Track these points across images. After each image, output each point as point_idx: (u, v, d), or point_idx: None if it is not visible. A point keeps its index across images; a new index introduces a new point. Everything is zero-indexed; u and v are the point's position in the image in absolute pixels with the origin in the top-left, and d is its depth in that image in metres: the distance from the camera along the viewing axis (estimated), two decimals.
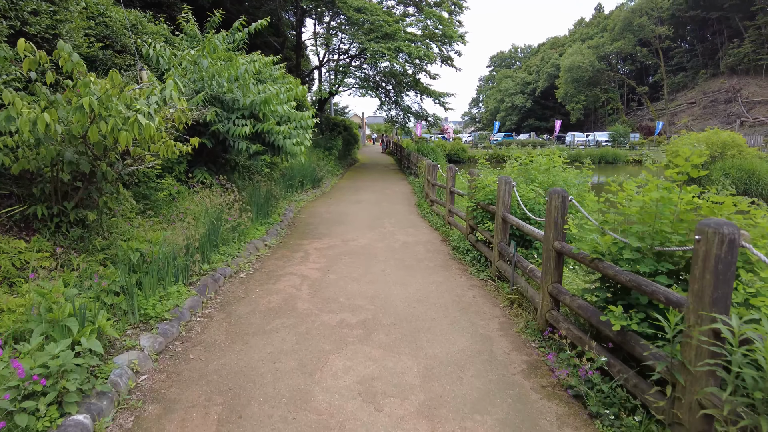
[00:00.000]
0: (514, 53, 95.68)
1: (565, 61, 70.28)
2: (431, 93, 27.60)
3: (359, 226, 10.34)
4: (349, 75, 26.78)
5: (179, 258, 5.53)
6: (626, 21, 67.49)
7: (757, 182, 20.53)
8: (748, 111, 63.33)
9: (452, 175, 10.04)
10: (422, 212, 12.20)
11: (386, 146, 44.74)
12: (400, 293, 5.84)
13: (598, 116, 78.29)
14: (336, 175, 22.42)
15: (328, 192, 16.71)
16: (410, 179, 20.98)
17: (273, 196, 10.51)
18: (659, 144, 51.74)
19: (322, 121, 28.81)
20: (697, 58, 74.70)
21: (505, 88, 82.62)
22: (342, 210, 12.55)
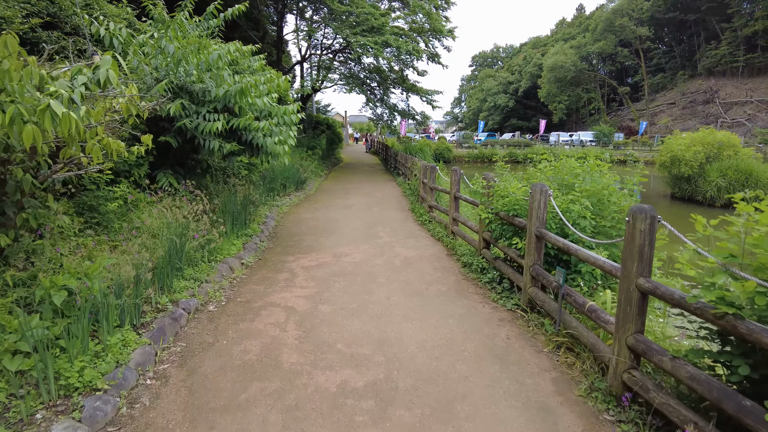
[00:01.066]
0: (496, 53, 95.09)
1: (547, 61, 69.77)
2: (419, 90, 26.35)
3: (351, 236, 9.02)
4: (333, 71, 25.39)
5: (126, 292, 4.16)
6: (608, 21, 67.27)
7: (755, 184, 19.80)
8: (725, 112, 63.65)
9: (457, 179, 8.78)
10: (419, 219, 10.93)
11: (370, 145, 43.42)
12: (415, 334, 4.54)
13: (579, 116, 78.06)
14: (320, 176, 21.03)
15: (312, 195, 15.33)
16: (399, 180, 19.70)
17: (251, 202, 9.12)
18: (643, 144, 51.43)
19: (305, 120, 27.44)
20: (675, 60, 75.05)
21: (488, 87, 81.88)
22: (330, 216, 11.21)
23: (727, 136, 21.64)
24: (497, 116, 79.97)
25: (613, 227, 5.05)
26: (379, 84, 27.85)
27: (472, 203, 7.52)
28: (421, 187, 12.10)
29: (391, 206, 13.13)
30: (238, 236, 7.79)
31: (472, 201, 7.55)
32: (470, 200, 7.65)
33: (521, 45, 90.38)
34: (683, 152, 21.28)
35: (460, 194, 8.51)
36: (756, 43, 64.58)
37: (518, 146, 46.80)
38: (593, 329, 4.15)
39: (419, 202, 12.48)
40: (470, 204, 8.14)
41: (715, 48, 67.73)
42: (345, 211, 11.99)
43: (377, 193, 16.23)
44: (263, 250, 7.83)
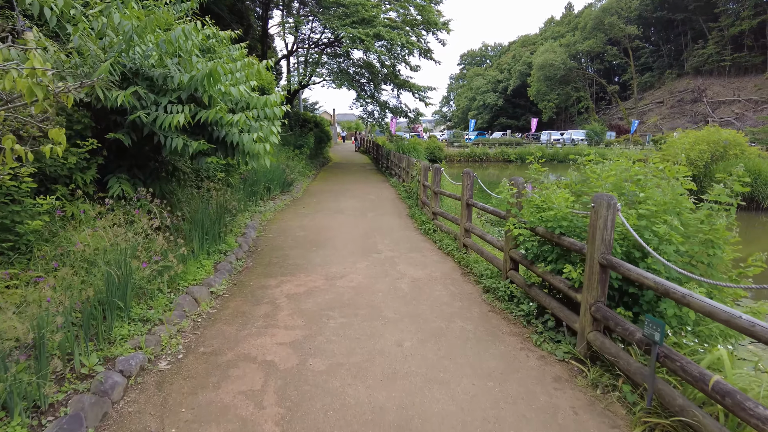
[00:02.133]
0: (485, 51, 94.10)
1: (537, 59, 68.91)
2: (411, 87, 25.00)
3: (345, 249, 7.66)
4: (321, 65, 23.95)
5: (16, 369, 2.76)
6: (597, 20, 66.60)
7: (765, 184, 18.83)
8: (713, 111, 63.34)
9: (470, 183, 7.46)
10: (421, 227, 9.60)
11: (360, 144, 42.01)
12: (447, 411, 3.18)
13: (568, 115, 77.41)
14: (308, 176, 19.61)
15: (300, 198, 13.92)
16: (392, 181, 18.36)
17: (228, 211, 7.70)
18: (635, 143, 50.67)
19: (292, 117, 25.98)
20: (662, 59, 74.71)
21: (477, 86, 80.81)
22: (319, 224, 9.84)
23: (733, 134, 20.66)
24: (486, 115, 78.99)
25: (710, 255, 3.74)
26: (369, 80, 26.46)
27: (495, 213, 6.20)
28: (422, 191, 10.77)
29: (387, 211, 11.79)
30: (210, 254, 6.38)
31: (494, 211, 6.22)
32: (492, 210, 6.32)
33: (510, 43, 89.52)
34: (688, 151, 20.24)
35: (475, 202, 7.19)
36: (742, 43, 64.37)
37: (509, 145, 45.72)
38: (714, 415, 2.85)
39: (419, 207, 11.16)
40: (489, 214, 6.83)
41: (702, 47, 67.45)
42: (337, 218, 10.62)
43: (370, 195, 14.87)
44: (240, 270, 6.43)
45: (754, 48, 63.54)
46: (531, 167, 5.52)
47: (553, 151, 43.03)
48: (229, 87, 5.86)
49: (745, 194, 14.02)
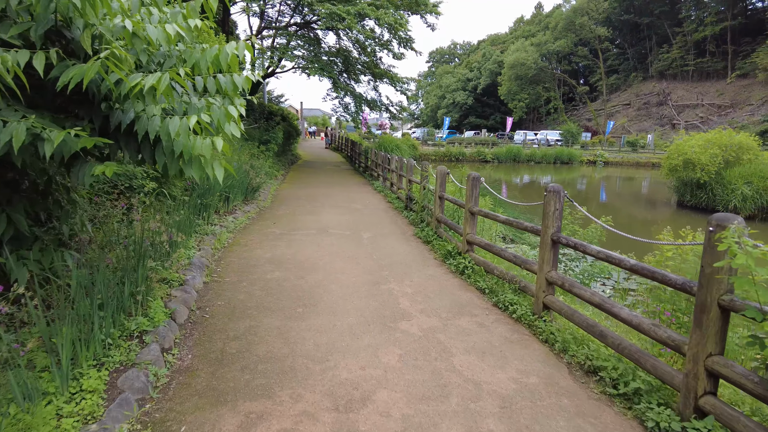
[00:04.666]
0: (454, 49, 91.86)
1: (508, 58, 67.11)
2: (393, 78, 22.04)
3: (351, 314, 4.59)
4: (290, 50, 20.63)
5: None
6: (569, 20, 65.38)
7: None
8: (678, 114, 63.23)
9: (558, 208, 4.53)
10: (447, 260, 6.67)
11: (331, 141, 38.71)
12: None
13: (538, 115, 76.25)
14: (276, 177, 16.37)
15: (268, 208, 10.74)
16: (376, 185, 15.36)
17: (147, 256, 4.49)
18: (610, 144, 49.38)
19: (257, 109, 22.63)
20: (628, 62, 74.55)
21: (446, 84, 78.44)
22: (300, 254, 6.76)
23: (745, 137, 18.69)
24: (456, 113, 76.75)
25: None
26: (344, 71, 23.31)
27: (642, 272, 3.31)
28: (437, 205, 7.83)
29: (386, 229, 8.79)
30: (99, 364, 3.20)
31: (644, 268, 3.33)
32: (644, 267, 3.42)
33: (479, 42, 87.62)
34: (698, 155, 18.09)
35: (597, 249, 4.26)
36: (705, 48, 64.55)
37: (486, 144, 43.40)
38: None
39: (430, 226, 8.22)
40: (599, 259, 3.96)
41: (667, 51, 67.41)
42: (322, 242, 7.55)
43: (356, 204, 11.83)
44: (162, 387, 3.30)
45: (716, 54, 63.80)
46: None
47: (531, 152, 41.01)
48: (141, 23, 2.80)
49: (764, 204, 11.76)
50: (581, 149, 44.75)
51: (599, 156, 41.50)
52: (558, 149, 42.21)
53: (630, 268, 3.47)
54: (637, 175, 36.33)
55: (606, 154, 42.35)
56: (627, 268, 3.51)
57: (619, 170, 39.17)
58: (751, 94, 56.45)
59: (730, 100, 58.31)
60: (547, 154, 40.46)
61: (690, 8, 67.03)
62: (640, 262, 3.43)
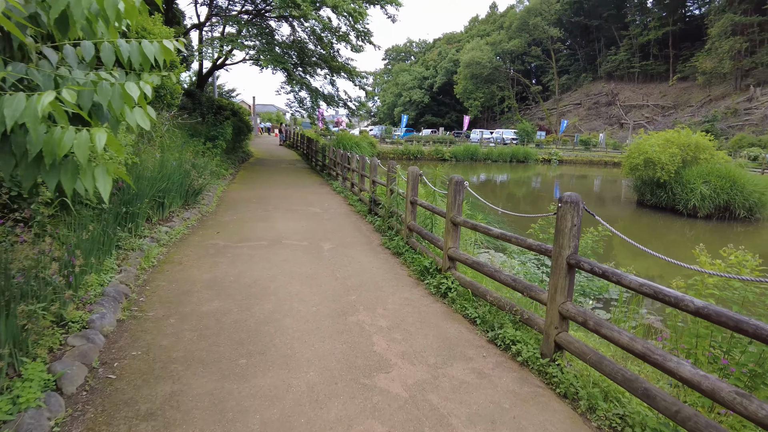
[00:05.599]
0: (410, 47, 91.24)
1: (464, 57, 67.02)
2: (352, 72, 20.85)
3: (314, 366, 3.41)
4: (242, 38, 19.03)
5: None
6: (522, 20, 65.97)
7: (740, 192, 16.91)
8: (626, 114, 65.10)
9: (576, 223, 3.55)
10: (411, 269, 5.64)
11: (285, 137, 37.04)
12: None
13: (492, 114, 76.83)
14: (224, 177, 14.90)
15: (212, 214, 9.39)
16: (335, 186, 14.20)
17: (48, 282, 3.22)
18: (564, 143, 50.01)
19: (204, 103, 20.92)
20: (579, 62, 76.27)
21: (403, 82, 77.68)
22: (245, 274, 5.54)
23: (701, 137, 18.71)
24: (412, 111, 76.12)
25: None
26: (299, 63, 21.91)
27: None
28: (409, 211, 6.78)
29: (349, 237, 7.67)
30: None
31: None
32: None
33: (435, 40, 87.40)
34: (659, 154, 17.93)
35: (609, 267, 3.31)
36: (649, 52, 66.79)
37: (443, 143, 42.86)
38: None
39: (401, 234, 7.17)
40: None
41: (615, 54, 69.31)
42: (276, 257, 6.35)
43: (314, 207, 10.64)
44: None
45: (659, 57, 66.15)
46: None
47: (488, 151, 40.79)
48: None
49: (721, 204, 11.48)
50: (536, 148, 45.02)
51: (554, 154, 41.81)
52: (514, 148, 42.22)
53: (695, 312, 2.54)
54: (592, 173, 36.75)
55: (560, 153, 42.74)
56: (692, 312, 2.57)
57: (573, 168, 39.55)
58: (691, 96, 58.73)
59: (673, 102, 60.50)
60: (503, 152, 40.35)
61: (635, 13, 69.21)
62: (710, 304, 2.50)
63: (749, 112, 46.88)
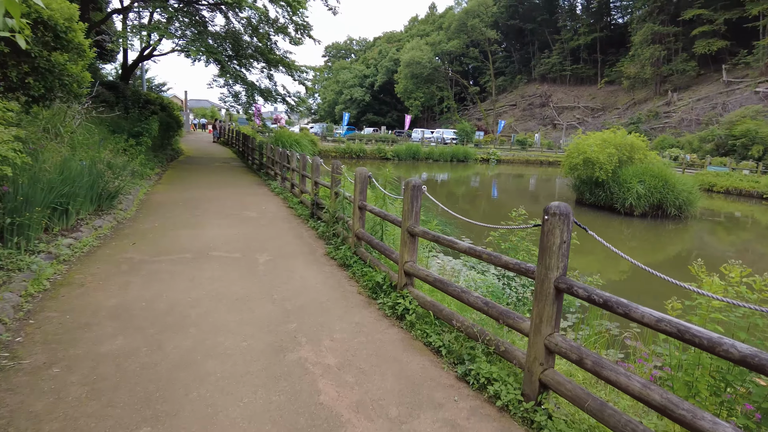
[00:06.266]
0: (350, 45, 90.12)
1: (404, 56, 66.95)
2: (290, 66, 19.77)
3: (236, 430, 2.72)
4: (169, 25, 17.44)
5: None
6: (461, 21, 66.79)
7: (672, 191, 17.49)
8: (559, 115, 67.59)
9: (566, 239, 2.95)
10: (361, 284, 4.91)
11: (220, 134, 35.13)
12: None
13: (432, 113, 77.40)
14: (149, 177, 13.48)
15: (129, 220, 8.18)
16: (274, 186, 13.19)
17: None
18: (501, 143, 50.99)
19: (129, 96, 19.19)
20: (514, 65, 78.42)
21: (344, 80, 76.56)
22: (161, 297, 4.57)
23: (636, 138, 19.24)
24: (354, 110, 75.26)
25: None
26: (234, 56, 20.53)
27: None
28: (357, 218, 6.03)
29: (289, 246, 6.81)
30: None
31: None
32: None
33: (375, 39, 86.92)
34: (597, 154, 18.24)
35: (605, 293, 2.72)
36: (580, 56, 69.72)
37: (386, 142, 42.40)
38: None
39: (348, 242, 6.41)
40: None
41: (548, 57, 71.75)
42: (199, 273, 5.39)
43: (250, 210, 9.64)
44: None
45: (588, 61, 69.21)
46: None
47: (429, 150, 40.75)
48: None
49: (655, 202, 11.72)
50: (475, 148, 45.57)
51: (492, 154, 42.45)
52: (454, 147, 42.46)
53: (740, 360, 1.97)
54: (528, 172, 37.61)
55: (499, 153, 43.47)
56: (736, 360, 2.00)
57: (511, 168, 40.31)
58: (617, 99, 61.84)
59: (602, 104, 63.44)
60: (444, 152, 40.44)
61: (566, 18, 72.01)
62: (761, 351, 1.94)
63: (668, 115, 49.82)
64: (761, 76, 44.89)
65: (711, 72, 51.74)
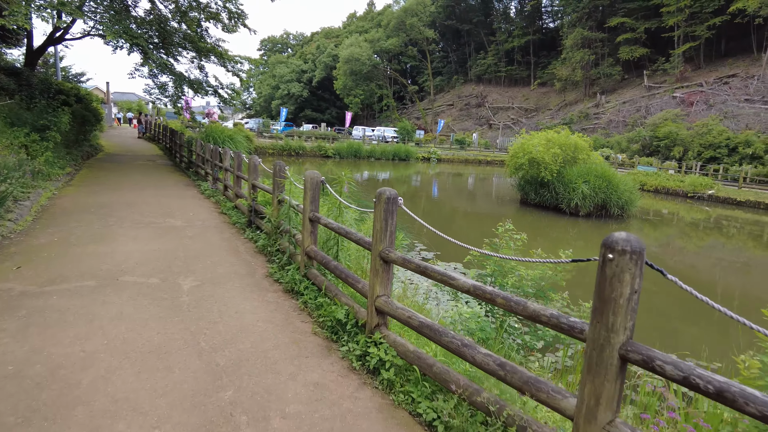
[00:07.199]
0: (287, 39, 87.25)
1: (343, 52, 65.56)
2: (222, 55, 18.08)
3: None
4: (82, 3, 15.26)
5: None
6: (400, 19, 66.35)
7: (615, 191, 17.58)
8: (494, 115, 68.89)
9: (637, 289, 2.04)
10: (316, 320, 3.84)
11: (145, 129, 32.31)
12: None
13: (372, 111, 76.58)
14: (56, 178, 11.55)
15: (20, 234, 6.56)
16: (204, 187, 11.69)
17: None
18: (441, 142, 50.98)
19: (36, 85, 16.81)
20: (451, 65, 79.17)
21: (280, 74, 73.88)
22: (42, 354, 3.23)
23: (579, 138, 19.26)
24: (291, 105, 72.91)
25: None
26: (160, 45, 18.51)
27: None
28: (308, 232, 4.90)
29: (222, 265, 5.55)
30: None
31: None
32: None
33: (313, 33, 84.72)
34: (542, 154, 18.04)
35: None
36: (514, 58, 71.47)
37: (326, 139, 41.01)
38: None
39: (296, 260, 5.27)
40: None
41: (483, 58, 73.01)
42: (101, 311, 4.06)
43: (175, 217, 8.20)
44: None
45: (522, 63, 71.08)
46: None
47: (371, 148, 39.84)
48: None
49: (599, 202, 11.56)
50: (416, 146, 45.21)
51: (433, 153, 42.22)
52: (396, 146, 41.82)
53: None
54: (467, 171, 37.65)
55: (439, 152, 43.32)
56: None
57: (451, 166, 40.23)
58: (550, 100, 63.87)
59: (535, 105, 65.28)
60: (386, 150, 39.67)
61: (501, 21, 73.54)
62: None
63: (597, 117, 51.89)
64: (677, 82, 47.73)
65: (634, 77, 54.54)
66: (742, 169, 29.56)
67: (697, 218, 21.06)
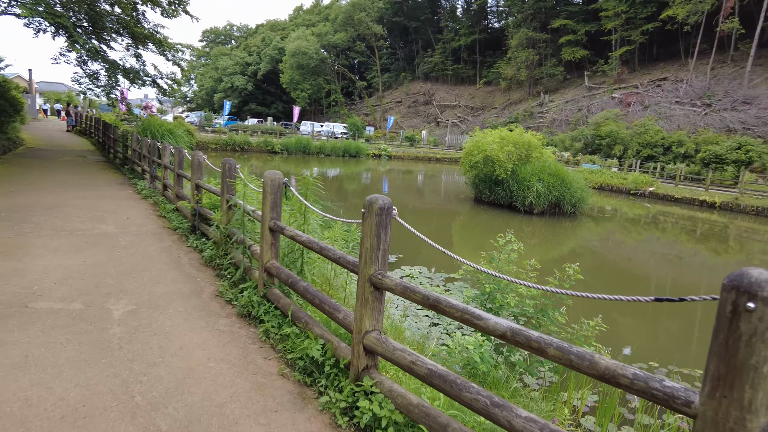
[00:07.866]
0: (230, 31, 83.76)
1: (290, 45, 63.63)
2: (161, 43, 16.60)
3: None
4: None
5: None
6: (347, 14, 65.26)
7: (568, 189, 17.66)
8: (441, 113, 69.35)
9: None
10: (281, 356, 3.08)
11: (75, 122, 29.67)
12: None
13: (320, 107, 75.07)
14: None
15: None
16: (141, 186, 10.47)
17: None
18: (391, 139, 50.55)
19: None
20: (399, 62, 78.99)
21: (223, 66, 70.81)
22: None
23: (532, 136, 19.23)
24: (235, 99, 70.06)
25: None
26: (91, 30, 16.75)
27: None
28: (269, 244, 4.09)
29: (161, 284, 4.62)
30: None
31: None
32: None
33: (258, 26, 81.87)
34: (497, 152, 17.84)
35: None
36: (460, 56, 72.16)
37: (273, 134, 39.50)
38: None
39: (253, 277, 4.44)
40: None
41: (431, 56, 73.28)
42: (2, 366, 3.14)
43: (107, 222, 7.08)
44: None
45: (468, 62, 71.91)
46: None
47: (320, 144, 38.77)
48: None
49: (552, 200, 11.45)
50: (366, 143, 44.53)
51: (383, 150, 41.72)
52: (346, 142, 40.94)
53: None
54: (417, 168, 37.41)
55: (389, 149, 42.87)
56: None
57: (401, 163, 39.86)
58: (495, 99, 64.93)
59: (481, 103, 66.18)
60: (336, 146, 38.72)
61: (448, 19, 74.08)
62: None
63: (542, 115, 53.23)
64: (616, 83, 49.77)
65: (576, 77, 56.36)
66: (677, 167, 31.01)
67: (638, 214, 21.71)
